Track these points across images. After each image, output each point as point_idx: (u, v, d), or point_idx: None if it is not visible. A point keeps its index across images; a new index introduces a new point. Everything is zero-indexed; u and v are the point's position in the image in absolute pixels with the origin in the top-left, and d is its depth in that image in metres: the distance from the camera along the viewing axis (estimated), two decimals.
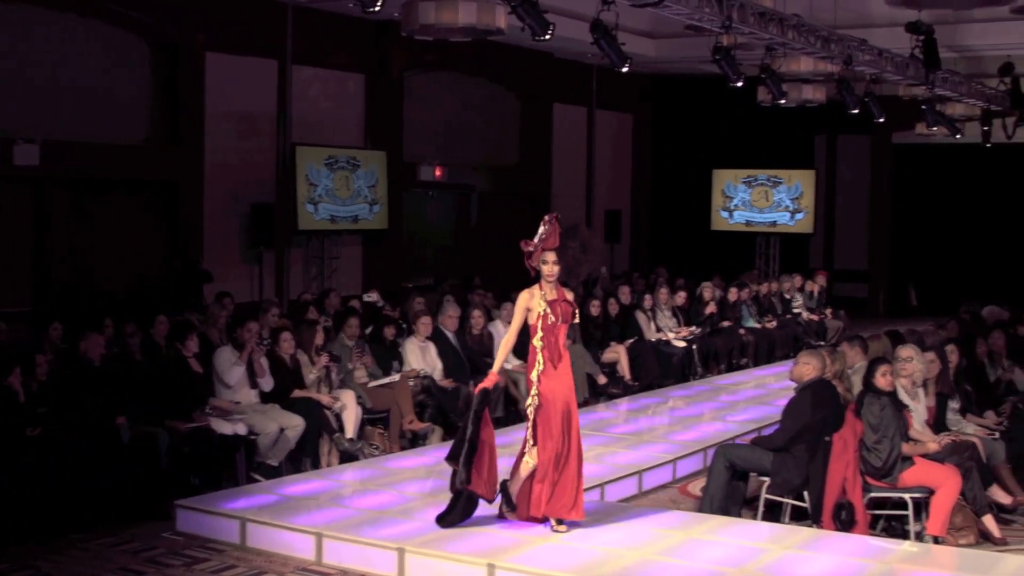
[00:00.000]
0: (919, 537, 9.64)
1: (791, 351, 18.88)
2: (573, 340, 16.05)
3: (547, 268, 9.17)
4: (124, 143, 17.43)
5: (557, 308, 9.17)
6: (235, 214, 18.73)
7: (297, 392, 12.15)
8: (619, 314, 17.37)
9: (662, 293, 18.24)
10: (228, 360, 11.81)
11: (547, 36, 14.18)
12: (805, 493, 9.73)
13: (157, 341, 12.44)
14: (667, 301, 18.20)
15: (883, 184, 28.48)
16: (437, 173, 23.12)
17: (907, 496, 9.72)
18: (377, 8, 13.07)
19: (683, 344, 17.67)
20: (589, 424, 13.34)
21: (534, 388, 9.09)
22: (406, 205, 22.24)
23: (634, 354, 16.55)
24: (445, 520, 9.17)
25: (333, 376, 12.64)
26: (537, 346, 9.13)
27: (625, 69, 15.92)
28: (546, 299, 9.16)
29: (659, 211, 28.98)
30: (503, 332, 15.12)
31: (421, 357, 13.72)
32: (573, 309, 9.36)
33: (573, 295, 9.47)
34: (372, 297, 17.08)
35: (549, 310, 9.13)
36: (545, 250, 9.16)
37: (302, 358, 12.48)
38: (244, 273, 18.85)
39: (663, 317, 17.99)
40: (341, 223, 20.07)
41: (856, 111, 21.10)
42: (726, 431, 13.16)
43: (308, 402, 12.01)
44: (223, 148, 18.51)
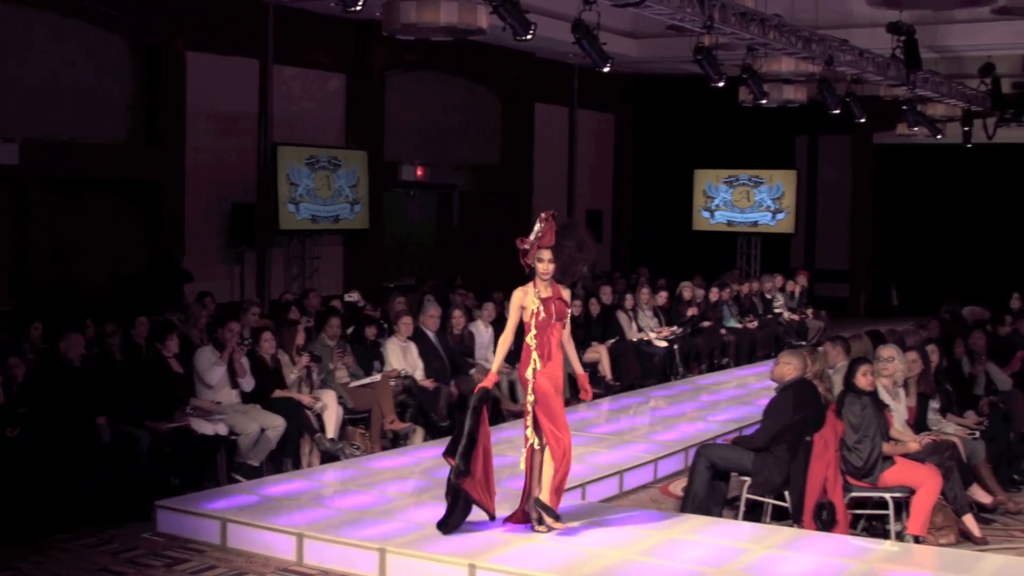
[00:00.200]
0: (900, 537, 9.65)
1: (772, 351, 18.94)
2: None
3: (542, 266, 9.11)
4: (105, 142, 17.38)
5: (551, 306, 9.11)
6: (216, 214, 18.68)
7: (278, 392, 12.11)
8: (600, 314, 17.37)
9: (643, 293, 18.25)
10: (209, 360, 11.78)
11: (528, 36, 14.18)
12: (786, 493, 9.73)
13: (137, 341, 12.40)
14: (648, 301, 18.21)
15: (864, 184, 28.55)
16: (418, 173, 23.10)
17: (888, 496, 9.73)
18: (358, 8, 13.06)
19: (664, 344, 17.68)
20: (570, 424, 13.29)
21: (530, 386, 9.05)
22: (387, 205, 22.21)
23: (615, 354, 16.55)
24: (447, 526, 9.07)
25: (314, 376, 12.61)
26: (531, 344, 9.09)
27: (606, 69, 15.94)
28: (540, 297, 9.11)
29: (641, 211, 29.01)
30: (484, 332, 15.18)
31: (402, 357, 13.71)
32: (568, 307, 9.30)
33: (569, 293, 9.40)
34: (353, 297, 17.05)
35: (542, 308, 9.08)
36: (541, 248, 9.10)
37: (283, 358, 12.45)
38: (225, 273, 18.81)
39: (644, 317, 18.00)
40: (322, 223, 20.04)
41: (837, 111, 21.15)
42: (707, 431, 13.18)
43: (289, 402, 11.98)
44: (204, 148, 18.46)
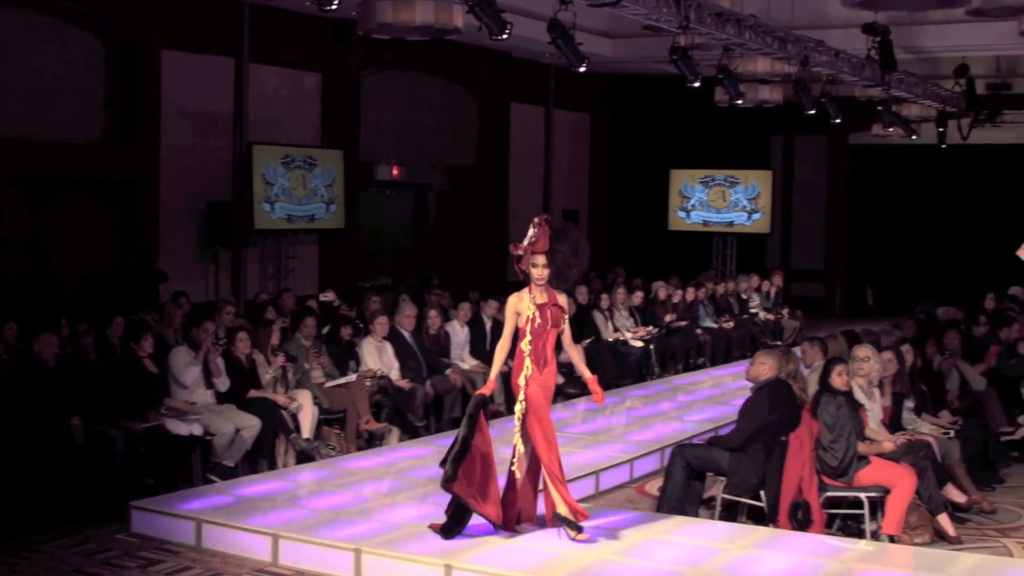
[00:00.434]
0: (875, 536, 9.67)
1: (748, 351, 18.97)
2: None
3: (536, 271, 9.05)
4: (79, 141, 17.30)
5: (546, 312, 9.04)
6: (191, 213, 18.63)
7: (253, 392, 12.07)
8: (576, 314, 17.31)
9: (619, 293, 18.25)
10: (184, 360, 11.73)
11: (504, 36, 14.17)
12: (762, 493, 9.74)
13: (112, 341, 12.34)
14: (624, 301, 18.22)
15: (839, 185, 28.64)
16: (394, 172, 23.07)
17: (863, 495, 9.75)
18: (334, 7, 13.03)
19: (640, 344, 17.69)
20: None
21: (521, 393, 8.98)
22: (363, 204, 22.17)
23: (591, 354, 16.55)
24: (449, 531, 8.96)
25: (289, 376, 12.57)
26: (525, 350, 9.01)
27: (582, 69, 15.94)
28: (535, 302, 9.04)
29: (616, 211, 29.03)
30: (460, 332, 15.16)
31: (378, 357, 13.68)
32: (564, 313, 9.19)
33: (565, 299, 9.32)
34: (328, 297, 17.01)
35: (538, 313, 9.01)
36: (535, 253, 9.04)
37: (258, 358, 12.41)
38: (200, 272, 18.75)
39: (620, 317, 18.01)
40: (297, 222, 20.00)
41: (812, 112, 21.20)
42: (683, 431, 13.19)
43: (264, 402, 11.95)
44: (179, 146, 18.41)
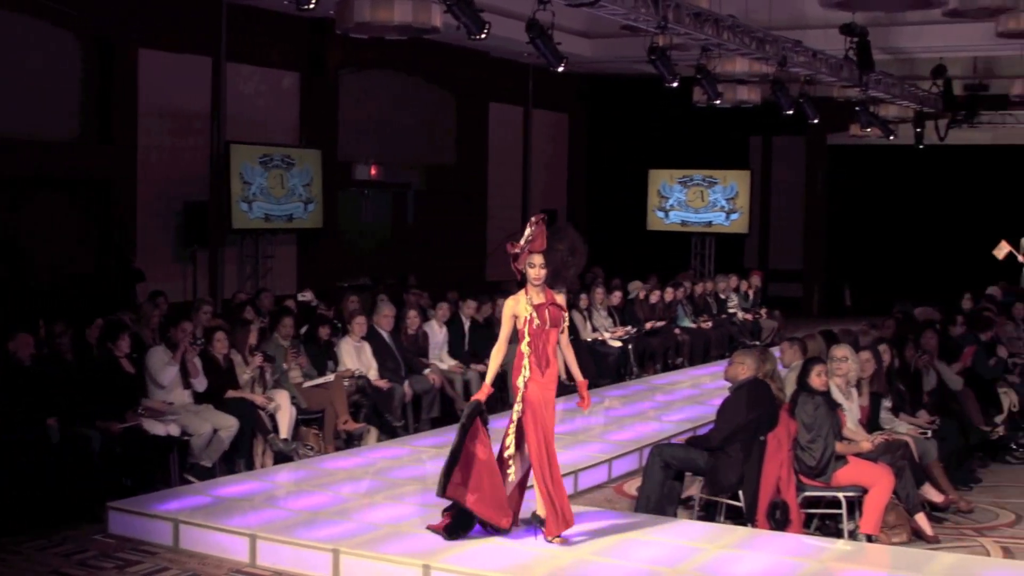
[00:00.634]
0: (853, 536, 9.69)
1: (726, 351, 18.98)
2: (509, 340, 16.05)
3: (533, 272, 8.87)
4: (55, 140, 17.22)
5: (544, 312, 8.89)
6: (168, 213, 18.56)
7: (231, 392, 12.03)
8: None
9: (598, 293, 18.24)
10: (161, 360, 11.68)
11: (483, 35, 14.19)
12: (740, 492, 9.75)
13: (89, 341, 12.29)
14: (603, 301, 18.21)
15: (817, 185, 28.71)
16: (372, 172, 23.03)
17: (841, 495, 9.77)
18: (312, 6, 13.02)
19: (619, 344, 17.70)
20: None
21: (519, 395, 8.84)
22: (341, 204, 22.13)
23: (570, 353, 16.51)
24: (455, 534, 8.92)
25: (267, 376, 12.54)
26: (524, 352, 8.86)
27: (561, 69, 15.96)
28: (532, 303, 8.88)
29: (595, 211, 29.03)
30: (438, 332, 15.14)
31: (356, 357, 13.65)
32: (563, 312, 9.09)
33: (563, 298, 9.21)
34: (306, 296, 16.97)
35: (536, 314, 8.86)
36: (532, 252, 8.86)
37: (236, 358, 12.37)
38: (177, 272, 18.68)
39: (599, 317, 18.01)
40: (275, 222, 19.95)
41: (790, 112, 21.28)
42: (661, 431, 13.19)
43: (242, 402, 11.91)
44: (156, 146, 18.35)
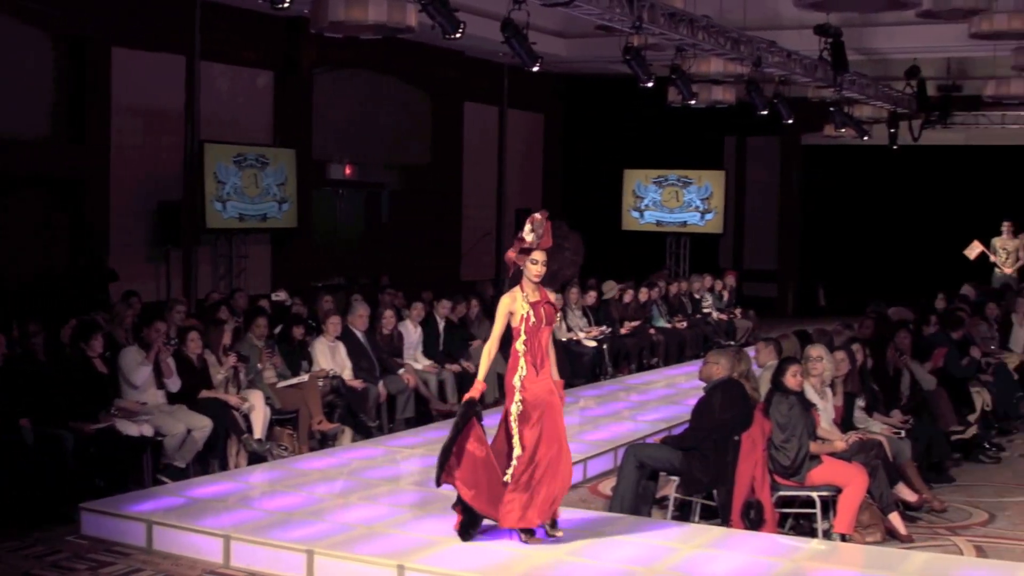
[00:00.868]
0: (827, 535, 9.71)
1: (701, 351, 19.00)
2: (484, 339, 16.03)
3: (536, 268, 8.84)
4: (27, 139, 17.10)
5: (540, 310, 8.83)
6: (142, 212, 18.47)
7: (205, 393, 11.99)
8: None
9: (572, 293, 18.24)
10: (134, 360, 11.63)
11: (457, 35, 14.19)
12: (714, 492, 9.77)
13: (62, 341, 12.24)
14: (577, 301, 18.21)
15: (792, 185, 28.76)
16: (347, 171, 22.99)
17: (815, 494, 9.79)
18: (286, 5, 13.00)
19: (593, 344, 17.71)
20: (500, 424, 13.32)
21: (517, 394, 8.74)
22: (316, 204, 22.07)
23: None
24: (468, 534, 8.86)
25: (241, 376, 12.51)
26: (520, 350, 8.79)
27: (536, 68, 15.97)
28: (528, 301, 8.83)
29: (570, 211, 28.96)
30: (413, 332, 15.12)
31: (330, 357, 13.63)
32: (557, 310, 9.03)
33: (555, 297, 9.13)
34: (280, 296, 16.93)
35: (532, 312, 8.79)
36: (535, 249, 8.84)
37: (210, 358, 12.34)
38: (151, 272, 18.59)
39: (573, 317, 18.01)
40: (249, 221, 19.87)
41: (765, 112, 21.33)
42: (636, 431, 13.20)
43: (216, 403, 11.87)
44: (130, 145, 18.25)
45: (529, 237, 8.89)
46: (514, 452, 8.75)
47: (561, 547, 8.81)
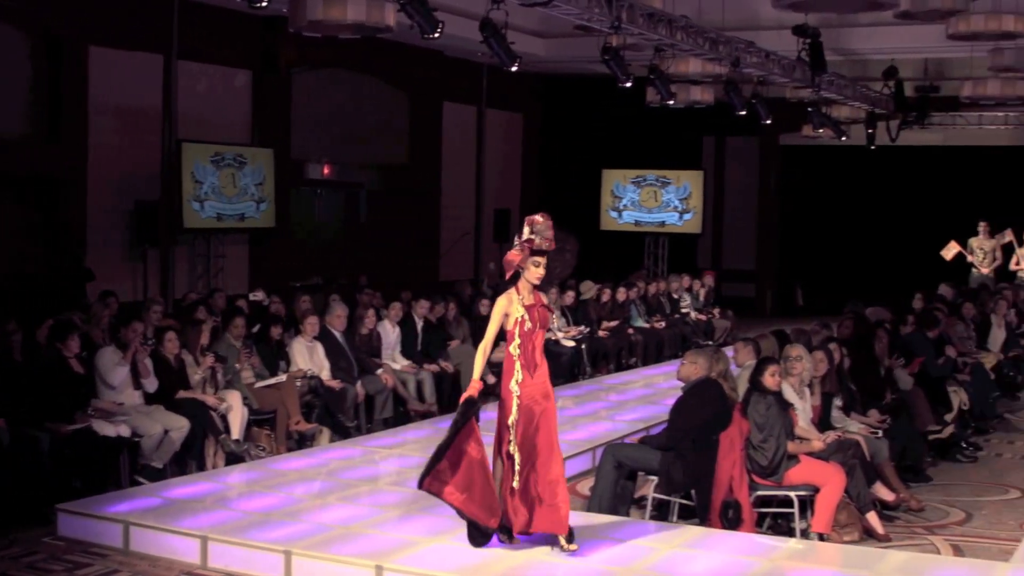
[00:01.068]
0: (804, 534, 9.74)
1: (679, 351, 19.02)
2: (463, 339, 16.04)
3: (538, 272, 8.71)
4: (3, 138, 17.02)
5: (535, 313, 8.71)
6: (119, 212, 18.38)
7: (182, 393, 11.95)
8: None
9: (551, 293, 18.21)
10: (111, 360, 11.59)
11: (436, 34, 14.18)
12: (693, 492, 9.77)
13: (38, 341, 12.18)
14: (556, 300, 18.20)
15: (770, 185, 28.82)
16: (325, 171, 22.94)
17: (793, 494, 9.81)
18: (264, 4, 12.96)
19: (572, 344, 17.71)
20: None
21: (513, 399, 8.61)
22: (294, 203, 22.04)
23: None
24: (477, 541, 8.68)
25: (219, 377, 12.47)
26: (514, 353, 8.65)
27: (514, 68, 15.98)
28: (524, 304, 8.69)
29: (548, 210, 28.32)
30: (391, 332, 15.09)
31: (308, 357, 13.60)
32: (551, 314, 8.92)
33: (548, 300, 9.03)
34: (258, 296, 16.89)
35: (527, 315, 8.67)
36: (538, 252, 8.71)
37: (187, 358, 12.30)
38: (128, 272, 18.52)
39: (552, 317, 17.97)
40: (227, 221, 19.81)
41: (743, 113, 21.38)
42: (615, 430, 13.21)
43: (193, 403, 11.83)
44: (107, 144, 18.17)
45: (538, 239, 8.73)
46: (514, 461, 8.63)
47: (539, 547, 8.79)
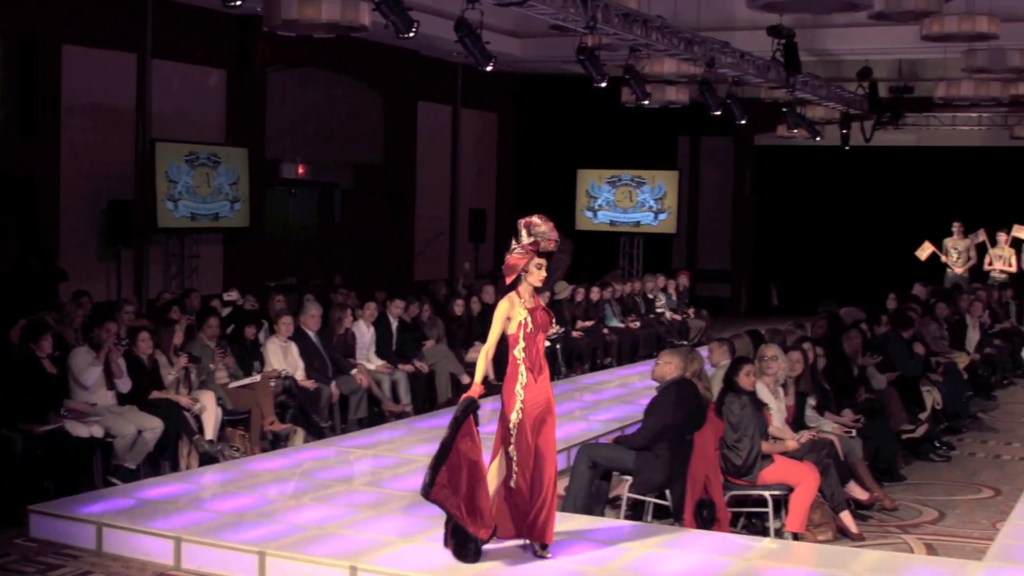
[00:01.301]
0: (779, 534, 9.77)
1: (654, 350, 19.00)
2: (437, 339, 16.02)
3: (540, 274, 8.65)
4: None
5: (537, 316, 8.66)
6: (92, 211, 18.30)
7: (155, 393, 11.91)
8: (482, 313, 17.30)
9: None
10: (85, 361, 11.53)
11: (411, 34, 14.15)
12: (667, 492, 9.78)
13: (11, 341, 12.12)
14: None
15: (745, 185, 28.88)
16: (300, 171, 22.90)
17: (767, 493, 9.84)
18: (239, 3, 12.92)
19: (547, 344, 17.64)
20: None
21: (517, 402, 8.57)
22: (268, 203, 21.98)
23: (497, 353, 16.48)
24: (465, 552, 8.47)
25: (193, 377, 12.43)
26: (518, 357, 8.62)
27: (489, 68, 15.96)
28: (526, 307, 8.64)
29: (524, 210, 28.36)
30: (366, 332, 15.06)
31: (282, 357, 13.56)
32: (551, 317, 8.90)
33: (545, 302, 8.98)
34: (232, 296, 16.84)
35: (530, 318, 8.62)
36: (540, 254, 8.64)
37: (161, 359, 12.25)
38: (101, 272, 18.44)
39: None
40: (201, 221, 19.75)
41: (718, 113, 21.41)
42: (589, 430, 13.20)
43: (167, 403, 11.79)
44: (80, 143, 18.09)
45: (543, 242, 8.66)
46: (513, 462, 8.57)
47: (513, 547, 8.77)
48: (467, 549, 8.45)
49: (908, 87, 26.11)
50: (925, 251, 23.46)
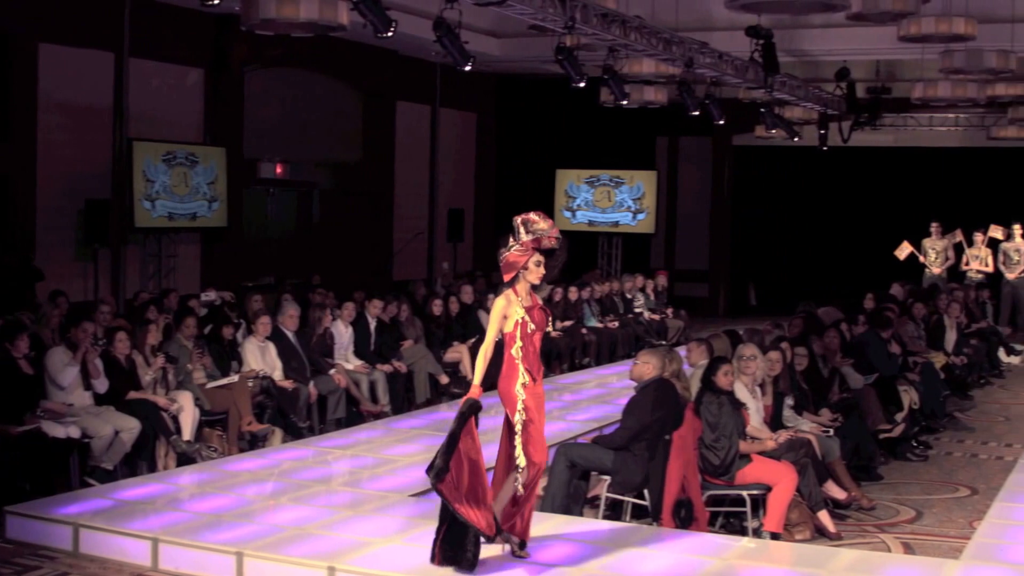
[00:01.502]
0: (756, 533, 9.77)
1: (632, 350, 19.04)
2: (416, 339, 16.01)
3: (539, 271, 8.53)
4: None
5: (534, 315, 8.53)
6: (69, 210, 18.23)
7: (133, 394, 11.87)
8: (461, 313, 17.32)
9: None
10: (61, 361, 11.48)
11: (389, 33, 14.14)
12: (645, 491, 9.79)
13: None
14: None
15: (723, 185, 28.96)
16: (278, 170, 22.84)
17: (745, 493, 9.84)
18: (217, 2, 12.88)
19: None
20: (432, 424, 13.30)
21: (519, 403, 8.39)
22: (246, 202, 21.92)
23: (476, 354, 16.47)
24: (461, 560, 8.24)
25: (170, 377, 12.39)
26: (516, 356, 8.45)
27: (468, 68, 15.96)
28: (523, 305, 8.50)
29: (502, 210, 28.88)
30: (344, 332, 15.03)
31: (260, 357, 13.53)
32: (548, 316, 8.79)
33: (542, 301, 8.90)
34: (210, 296, 16.79)
35: (528, 317, 8.48)
36: (544, 251, 8.53)
37: (138, 359, 12.22)
38: (78, 272, 18.38)
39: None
40: (179, 220, 19.69)
41: (696, 113, 21.43)
42: (568, 430, 13.19)
43: (144, 404, 11.75)
44: (57, 142, 18.02)
45: (545, 239, 8.55)
46: (518, 463, 8.41)
47: (493, 547, 8.75)
48: (463, 558, 8.27)
49: (886, 88, 26.21)
50: (904, 251, 23.55)
